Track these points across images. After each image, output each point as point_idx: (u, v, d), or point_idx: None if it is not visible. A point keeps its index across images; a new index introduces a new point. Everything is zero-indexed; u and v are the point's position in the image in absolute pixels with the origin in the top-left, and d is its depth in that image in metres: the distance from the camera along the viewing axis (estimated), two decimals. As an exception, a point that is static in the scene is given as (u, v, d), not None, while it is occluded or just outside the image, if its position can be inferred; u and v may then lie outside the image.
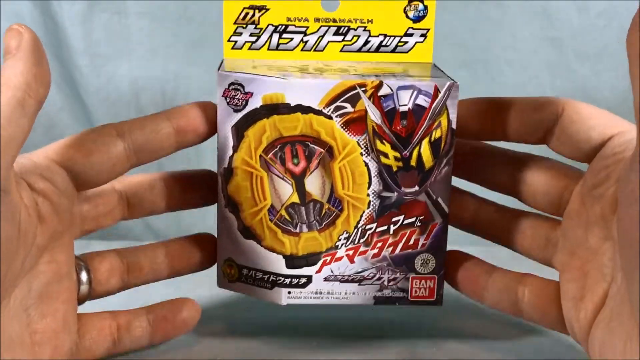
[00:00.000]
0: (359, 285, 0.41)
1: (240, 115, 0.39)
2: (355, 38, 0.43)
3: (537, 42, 0.68)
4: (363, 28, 0.43)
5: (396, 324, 0.45)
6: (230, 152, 0.39)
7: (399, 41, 0.43)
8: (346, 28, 0.43)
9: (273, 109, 0.38)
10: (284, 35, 0.43)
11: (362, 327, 0.45)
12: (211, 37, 0.66)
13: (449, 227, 0.41)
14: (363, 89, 0.38)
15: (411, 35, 0.43)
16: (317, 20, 0.43)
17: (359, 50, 0.43)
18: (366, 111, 0.38)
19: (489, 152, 0.42)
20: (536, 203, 0.40)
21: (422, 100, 0.38)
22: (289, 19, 0.43)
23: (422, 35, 0.43)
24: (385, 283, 0.41)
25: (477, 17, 0.68)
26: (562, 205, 0.39)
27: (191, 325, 0.42)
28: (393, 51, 0.43)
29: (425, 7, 0.43)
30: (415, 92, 0.38)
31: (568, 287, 0.38)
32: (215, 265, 0.43)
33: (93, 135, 0.38)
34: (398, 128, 0.38)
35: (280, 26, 0.43)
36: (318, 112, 0.38)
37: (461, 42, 0.68)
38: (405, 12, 0.43)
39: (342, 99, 0.38)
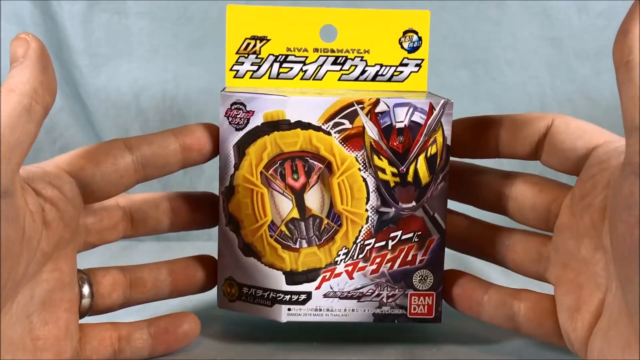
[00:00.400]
0: (358, 302, 0.41)
1: (242, 133, 0.40)
2: (353, 67, 0.45)
3: (537, 42, 0.69)
4: (360, 58, 0.45)
5: (396, 326, 0.45)
6: (232, 170, 0.40)
7: (395, 70, 0.45)
8: (344, 58, 0.45)
9: (274, 125, 0.40)
10: (284, 65, 0.44)
11: (362, 328, 0.45)
12: (211, 37, 0.67)
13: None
14: (360, 105, 0.39)
15: (406, 65, 0.45)
16: (316, 50, 0.44)
17: (356, 79, 0.45)
18: (364, 127, 0.39)
19: (476, 172, 0.43)
20: (525, 218, 0.41)
21: (418, 117, 0.39)
22: (289, 49, 0.44)
23: (416, 65, 0.45)
24: (384, 300, 0.41)
25: (477, 17, 0.68)
26: (550, 219, 0.40)
27: (192, 339, 0.42)
28: (389, 80, 0.45)
29: (420, 39, 0.44)
30: (411, 109, 0.39)
31: (563, 300, 0.38)
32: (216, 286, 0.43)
33: (102, 147, 0.39)
34: (395, 144, 0.40)
35: (280, 56, 0.44)
36: (317, 128, 0.39)
37: (461, 42, 0.69)
38: (401, 43, 0.44)
39: (340, 116, 0.39)
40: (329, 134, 0.39)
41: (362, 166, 0.40)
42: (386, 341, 0.44)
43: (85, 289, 0.39)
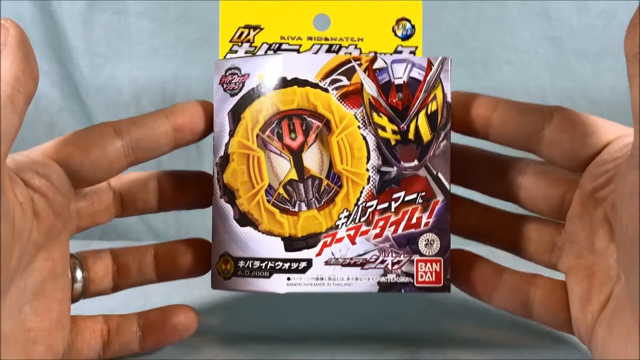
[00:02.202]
0: (362, 269, 0.39)
1: (236, 98, 0.39)
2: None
3: (537, 42, 0.69)
4: (354, 46, 0.44)
5: (397, 325, 0.44)
6: (227, 138, 0.39)
7: (389, 58, 0.44)
8: (338, 46, 0.44)
9: (270, 85, 0.39)
10: (278, 53, 0.44)
11: (363, 328, 0.44)
12: (211, 37, 0.67)
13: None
14: (358, 62, 0.39)
15: (400, 52, 0.44)
16: (309, 38, 0.44)
17: (351, 66, 0.44)
18: (362, 84, 0.39)
19: (485, 159, 0.42)
20: (538, 208, 0.40)
21: (417, 73, 0.39)
22: (282, 38, 0.44)
23: (411, 52, 0.44)
24: (389, 267, 0.39)
25: (477, 17, 0.69)
26: (563, 209, 0.39)
27: (184, 333, 0.40)
28: (384, 67, 0.44)
29: (413, 26, 0.44)
30: (410, 65, 0.39)
31: (575, 289, 0.37)
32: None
33: (91, 133, 0.37)
34: (394, 101, 0.39)
35: (274, 44, 0.44)
36: (314, 85, 0.39)
37: (461, 42, 0.69)
38: (394, 31, 0.45)
39: (337, 72, 0.39)
40: (326, 91, 0.39)
41: (362, 124, 0.39)
42: (386, 341, 0.42)
43: (78, 274, 0.39)
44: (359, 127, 0.39)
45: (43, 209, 0.34)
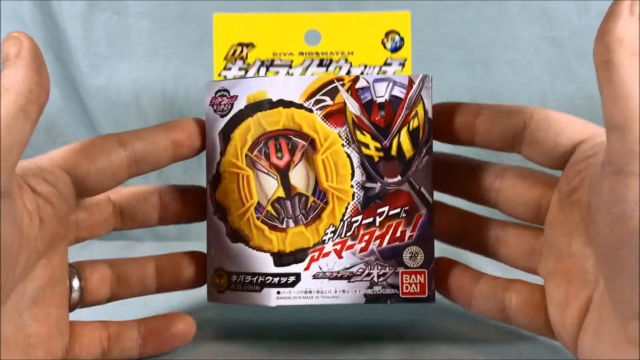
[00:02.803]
0: (349, 282, 0.40)
1: (226, 119, 0.41)
2: (338, 69, 0.46)
3: (537, 42, 0.69)
4: (344, 60, 0.46)
5: (397, 325, 0.45)
6: (218, 157, 0.41)
7: (379, 70, 0.45)
8: (329, 60, 0.46)
9: (257, 106, 0.40)
10: (271, 69, 0.45)
11: (362, 327, 0.45)
12: (211, 37, 0.67)
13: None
14: (341, 82, 0.40)
15: (390, 64, 0.45)
16: (301, 53, 0.46)
17: (342, 80, 0.46)
18: (345, 103, 0.40)
19: (467, 165, 0.43)
20: (515, 213, 0.41)
21: (398, 92, 0.40)
22: (275, 54, 0.46)
23: (400, 64, 0.45)
24: (375, 279, 0.40)
25: (477, 17, 0.69)
26: (541, 213, 0.39)
27: (184, 340, 0.41)
28: (374, 80, 0.46)
29: (402, 39, 0.45)
30: (391, 84, 0.40)
31: (553, 294, 0.38)
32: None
33: (96, 143, 0.38)
34: (377, 119, 0.40)
35: (267, 61, 0.46)
36: (299, 106, 0.40)
37: (461, 42, 0.69)
38: (383, 44, 0.46)
39: (321, 93, 0.40)
40: (310, 111, 0.40)
41: (346, 142, 0.40)
42: (385, 341, 0.43)
43: (75, 283, 0.39)
44: (343, 145, 0.40)
45: (47, 216, 0.35)
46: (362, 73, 0.45)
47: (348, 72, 0.45)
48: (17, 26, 0.69)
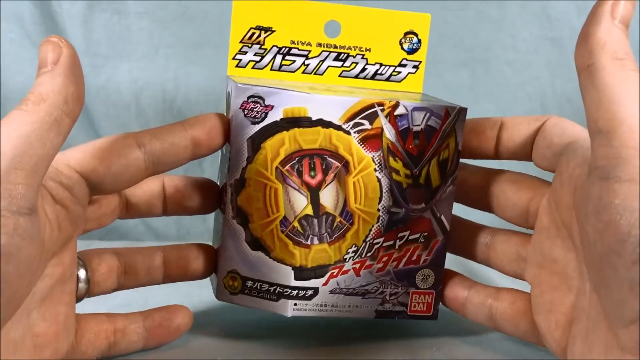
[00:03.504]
0: (363, 298, 0.42)
1: (258, 127, 0.40)
2: (354, 65, 0.45)
3: (537, 42, 0.70)
4: (361, 56, 0.45)
5: (395, 325, 0.46)
6: (244, 163, 0.40)
7: (394, 70, 0.45)
8: (346, 55, 0.45)
9: (294, 122, 0.39)
10: (287, 57, 0.44)
11: (363, 328, 0.46)
12: (211, 37, 0.66)
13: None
14: (381, 107, 0.40)
15: (405, 65, 0.45)
16: (319, 45, 0.45)
17: (356, 76, 0.45)
18: (382, 129, 0.40)
19: (463, 169, 0.45)
20: (507, 217, 0.43)
21: (434, 122, 0.40)
22: (292, 42, 0.44)
23: (414, 66, 0.45)
24: (387, 297, 0.42)
25: (477, 17, 0.69)
26: (529, 218, 0.41)
27: (183, 332, 0.42)
28: (387, 80, 0.45)
29: (419, 41, 0.45)
30: (428, 114, 0.40)
31: (537, 300, 0.40)
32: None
33: (114, 145, 0.37)
34: (410, 147, 0.40)
35: (284, 48, 0.44)
36: (338, 127, 0.40)
37: (461, 42, 0.70)
38: (401, 44, 0.45)
39: (361, 116, 0.40)
40: (348, 133, 0.40)
41: (378, 167, 0.40)
42: (385, 342, 0.44)
43: (82, 273, 0.39)
44: (375, 169, 0.40)
45: (63, 220, 0.34)
46: (376, 71, 0.45)
47: (363, 69, 0.45)
48: (17, 26, 0.66)
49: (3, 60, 0.66)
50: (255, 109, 0.40)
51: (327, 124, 0.40)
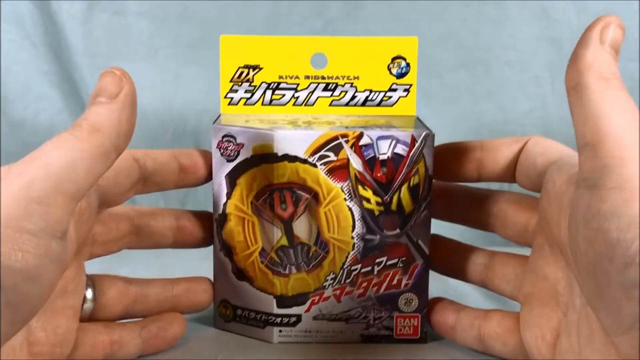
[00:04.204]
0: (346, 323, 0.43)
1: (232, 164, 0.42)
2: (343, 93, 0.46)
3: (537, 43, 0.69)
4: (350, 84, 0.46)
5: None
6: (224, 199, 0.42)
7: (384, 95, 0.46)
8: (334, 84, 0.46)
9: (262, 158, 0.41)
10: (277, 92, 0.46)
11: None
12: (211, 37, 0.66)
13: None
14: (345, 139, 0.41)
15: (395, 90, 0.46)
16: (307, 77, 0.46)
17: (347, 104, 0.46)
18: (348, 159, 0.41)
19: (464, 192, 0.45)
20: (509, 236, 0.42)
21: (401, 149, 0.41)
22: (281, 77, 0.46)
23: (405, 90, 0.46)
24: (371, 321, 0.43)
25: (477, 17, 0.69)
26: (528, 237, 0.41)
27: (178, 340, 0.43)
28: (379, 105, 0.46)
29: (408, 65, 0.46)
30: (394, 142, 0.41)
31: (526, 316, 0.39)
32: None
33: (118, 160, 0.38)
34: (379, 175, 0.41)
35: (273, 83, 0.46)
36: (304, 161, 0.41)
37: (461, 42, 0.69)
38: (389, 69, 0.46)
39: (325, 149, 0.41)
40: (315, 166, 0.41)
41: (348, 196, 0.41)
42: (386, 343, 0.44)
43: (89, 293, 0.40)
44: (345, 199, 0.41)
45: (78, 230, 0.35)
46: (367, 98, 0.46)
47: (353, 97, 0.46)
48: (17, 26, 0.69)
49: (3, 61, 0.68)
50: (229, 148, 0.42)
51: (293, 159, 0.41)
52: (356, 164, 0.41)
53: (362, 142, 0.41)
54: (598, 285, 0.31)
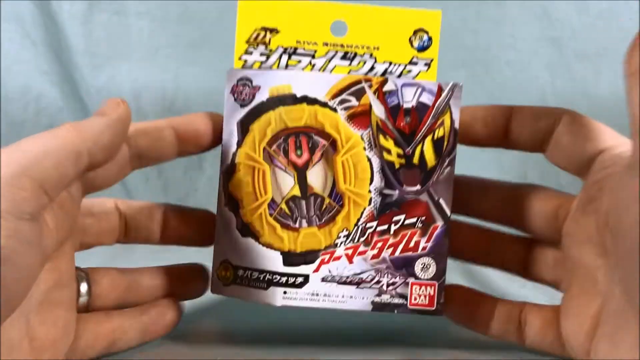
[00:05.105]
0: (357, 288, 0.39)
1: (246, 109, 0.39)
2: (362, 64, 0.44)
3: (537, 42, 0.69)
4: (369, 55, 0.44)
5: (398, 325, 0.45)
6: (234, 147, 0.40)
7: (404, 69, 0.44)
8: (353, 54, 0.44)
9: (280, 100, 0.39)
10: (293, 57, 0.44)
11: (363, 328, 0.45)
12: (211, 37, 0.67)
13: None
14: (368, 83, 0.39)
15: (416, 64, 0.44)
16: (325, 44, 0.44)
17: (365, 75, 0.44)
18: (370, 106, 0.39)
19: (483, 186, 0.43)
20: (534, 228, 0.40)
21: (426, 98, 0.39)
22: (298, 42, 0.44)
23: (426, 64, 0.44)
24: (384, 287, 0.39)
25: (477, 17, 0.69)
26: (558, 226, 0.39)
27: (175, 325, 0.42)
28: (398, 78, 0.44)
29: (430, 38, 0.44)
30: (420, 90, 0.39)
31: (567, 305, 0.38)
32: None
33: None
34: (402, 124, 0.39)
35: (290, 48, 0.44)
36: (323, 104, 0.39)
37: (461, 42, 0.69)
38: (411, 42, 0.44)
39: (347, 92, 0.39)
40: (335, 110, 0.39)
41: (367, 145, 0.39)
42: (387, 342, 0.43)
43: (83, 287, 0.39)
44: (364, 148, 0.39)
45: (59, 221, 0.34)
46: (386, 70, 0.44)
47: (372, 68, 0.44)
48: (17, 26, 0.69)
49: (3, 60, 0.68)
50: (244, 92, 0.40)
51: (312, 101, 0.39)
52: (378, 111, 0.39)
53: (386, 89, 0.39)
54: (633, 269, 0.30)
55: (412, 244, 0.39)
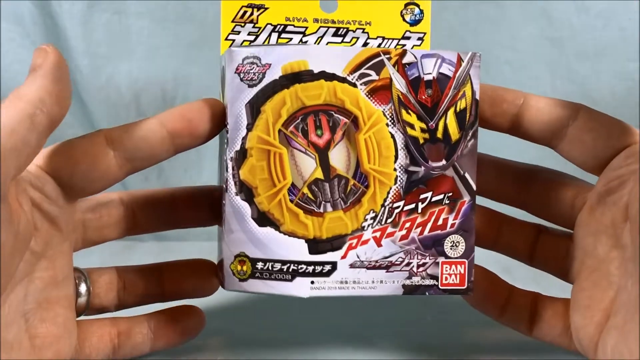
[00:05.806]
0: (387, 272, 0.37)
1: (255, 89, 0.37)
2: (355, 40, 0.42)
3: (537, 42, 0.69)
4: (362, 30, 0.42)
5: (399, 326, 0.44)
6: (244, 131, 0.37)
7: (397, 44, 0.43)
8: (345, 30, 0.42)
9: (295, 77, 0.36)
10: (283, 35, 0.42)
11: (364, 329, 0.44)
12: (211, 37, 0.66)
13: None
14: (387, 56, 0.37)
15: (408, 38, 0.43)
16: (316, 20, 0.42)
17: (359, 52, 0.42)
18: (391, 79, 0.37)
19: (498, 166, 0.42)
20: (547, 214, 0.40)
21: (446, 69, 0.37)
22: (287, 19, 0.42)
23: (419, 38, 0.43)
24: (414, 269, 0.38)
25: (477, 17, 0.69)
26: (573, 215, 0.38)
27: (194, 333, 0.40)
28: (392, 53, 0.43)
29: (421, 11, 0.43)
30: (439, 61, 0.37)
31: (577, 297, 0.37)
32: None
33: (82, 144, 0.36)
34: (423, 98, 0.37)
35: (279, 25, 0.42)
36: (342, 80, 0.37)
37: (461, 42, 0.69)
38: (402, 16, 0.43)
39: (366, 66, 0.37)
40: (354, 85, 0.37)
41: (390, 121, 0.37)
42: (388, 342, 0.42)
43: (82, 287, 0.38)
44: (387, 124, 0.37)
45: (38, 220, 0.34)
46: (379, 45, 0.42)
47: (365, 44, 0.42)
48: (17, 26, 0.68)
49: (3, 60, 0.67)
50: (251, 71, 0.37)
51: (330, 77, 0.37)
52: (399, 84, 0.37)
53: (405, 60, 0.37)
54: None
55: (440, 222, 0.38)
